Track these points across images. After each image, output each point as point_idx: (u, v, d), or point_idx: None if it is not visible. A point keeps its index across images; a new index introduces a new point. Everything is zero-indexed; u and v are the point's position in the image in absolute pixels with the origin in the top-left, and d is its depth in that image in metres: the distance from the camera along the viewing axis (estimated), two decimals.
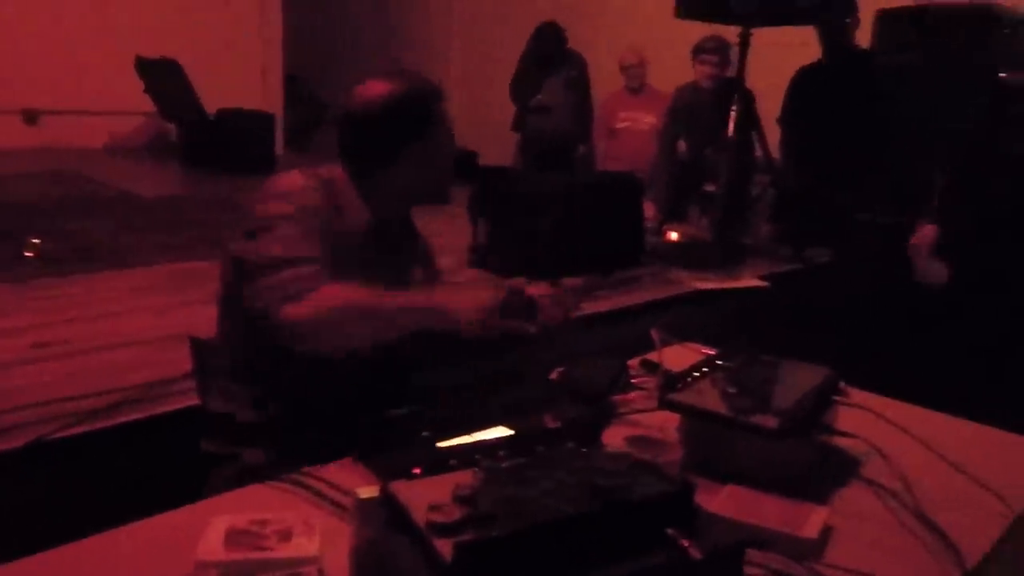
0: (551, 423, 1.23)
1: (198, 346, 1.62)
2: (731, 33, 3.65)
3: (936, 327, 2.81)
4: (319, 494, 1.18)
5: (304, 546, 1.00)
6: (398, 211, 1.61)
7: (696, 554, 0.79)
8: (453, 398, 1.44)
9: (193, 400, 1.75)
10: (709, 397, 1.30)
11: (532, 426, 1.26)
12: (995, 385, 2.93)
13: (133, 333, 2.47)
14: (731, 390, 1.29)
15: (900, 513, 1.20)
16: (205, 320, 1.60)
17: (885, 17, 3.35)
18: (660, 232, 3.80)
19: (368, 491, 0.96)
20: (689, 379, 1.37)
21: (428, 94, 1.55)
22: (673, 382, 1.35)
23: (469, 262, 3.35)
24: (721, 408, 1.26)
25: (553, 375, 1.62)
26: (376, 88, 1.51)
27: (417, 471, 1.04)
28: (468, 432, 1.27)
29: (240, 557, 0.97)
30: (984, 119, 2.92)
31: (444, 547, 0.78)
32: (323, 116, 8.84)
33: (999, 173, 2.60)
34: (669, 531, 0.82)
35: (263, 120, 6.62)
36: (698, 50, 4.19)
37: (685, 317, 2.84)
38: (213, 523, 1.02)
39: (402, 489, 0.91)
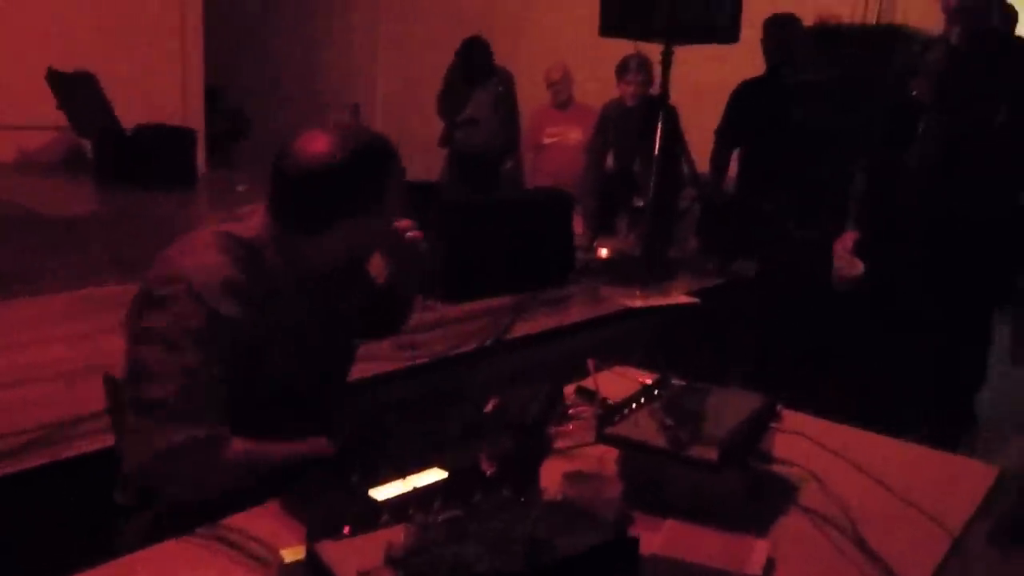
0: (487, 465, 1.18)
1: (112, 384, 1.52)
2: (654, 50, 3.69)
3: (854, 334, 2.90)
4: (240, 549, 1.11)
5: None
6: (322, 270, 1.44)
7: None
8: (383, 436, 1.38)
9: (107, 440, 1.66)
10: (647, 429, 1.28)
11: (468, 469, 1.21)
12: (916, 392, 3.05)
13: (43, 366, 2.32)
14: (668, 421, 1.28)
15: (840, 542, 1.20)
16: (120, 349, 1.50)
17: (806, 36, 3.46)
18: (590, 248, 3.81)
19: (293, 553, 0.90)
20: (626, 411, 1.35)
21: (376, 164, 1.35)
22: (610, 415, 1.33)
23: None
24: (659, 441, 1.24)
25: (488, 407, 1.58)
26: (317, 145, 1.30)
27: (346, 530, 0.99)
28: (401, 474, 1.21)
29: None
30: (894, 132, 3.04)
31: None
32: (245, 130, 8.62)
33: (907, 182, 2.70)
34: None
35: (183, 135, 6.41)
36: (621, 69, 4.24)
37: (617, 336, 2.84)
38: None
39: (330, 551, 0.85)
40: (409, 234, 1.54)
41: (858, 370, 2.84)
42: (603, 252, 3.67)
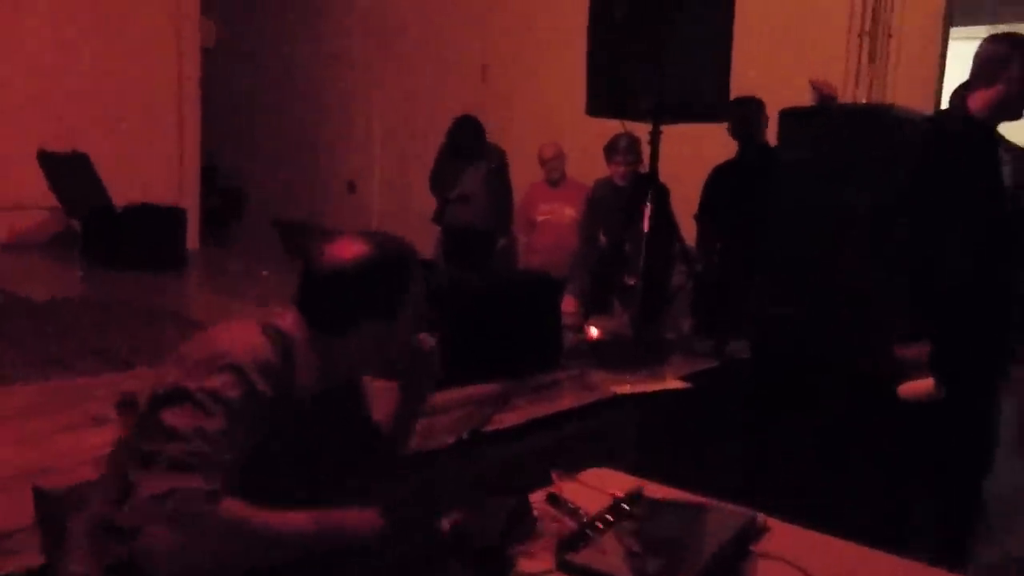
0: None
1: (42, 497, 1.40)
2: (642, 128, 3.67)
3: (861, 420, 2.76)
4: None
5: None
6: (349, 378, 1.49)
7: None
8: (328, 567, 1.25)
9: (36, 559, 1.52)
10: (612, 557, 1.16)
11: None
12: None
13: (39, 462, 2.16)
14: (636, 548, 1.15)
15: None
16: (75, 452, 1.38)
17: (786, 115, 3.43)
18: (582, 329, 3.71)
19: None
20: (591, 533, 1.23)
21: (402, 268, 1.42)
22: (574, 539, 1.20)
23: None
24: (624, 572, 1.12)
25: (447, 522, 1.45)
26: (348, 249, 1.37)
27: None
28: None
29: None
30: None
31: None
32: (241, 207, 8.66)
33: None
34: None
35: (172, 214, 6.38)
36: (610, 150, 4.23)
37: (607, 424, 2.71)
38: None
39: None
40: (426, 344, 1.58)
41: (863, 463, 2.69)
42: (593, 332, 3.56)
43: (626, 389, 2.91)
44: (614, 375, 3.12)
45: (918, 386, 2.35)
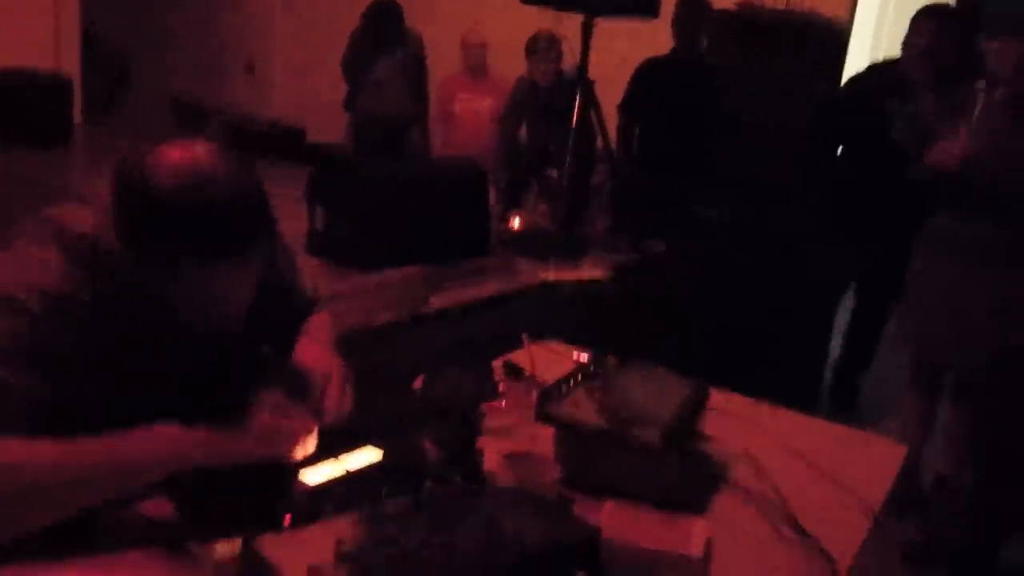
0: (432, 450, 1.12)
1: None
2: (574, 21, 3.63)
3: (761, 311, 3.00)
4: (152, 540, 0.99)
5: None
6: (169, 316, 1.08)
7: None
8: None
9: None
10: (587, 410, 1.26)
11: (404, 450, 1.15)
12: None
13: None
14: (608, 402, 1.26)
15: (774, 519, 1.22)
16: None
17: (718, 17, 3.49)
18: (502, 219, 3.76)
19: (227, 549, 0.81)
20: (563, 389, 1.32)
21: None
22: (549, 394, 1.29)
23: (306, 248, 3.14)
24: (600, 422, 1.22)
25: (415, 383, 1.51)
26: (163, 166, 0.97)
27: (287, 521, 0.91)
28: (333, 454, 1.14)
29: None
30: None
31: None
32: (126, 79, 8.04)
33: None
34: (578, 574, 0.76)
35: (58, 84, 5.87)
36: (530, 49, 4.19)
37: (538, 311, 2.82)
38: None
39: (272, 547, 0.78)
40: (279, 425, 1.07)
41: (764, 347, 2.93)
42: (516, 223, 3.63)
43: (552, 276, 3.02)
44: (538, 264, 3.22)
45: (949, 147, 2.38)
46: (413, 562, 0.72)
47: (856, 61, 4.05)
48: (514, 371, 1.64)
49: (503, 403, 1.50)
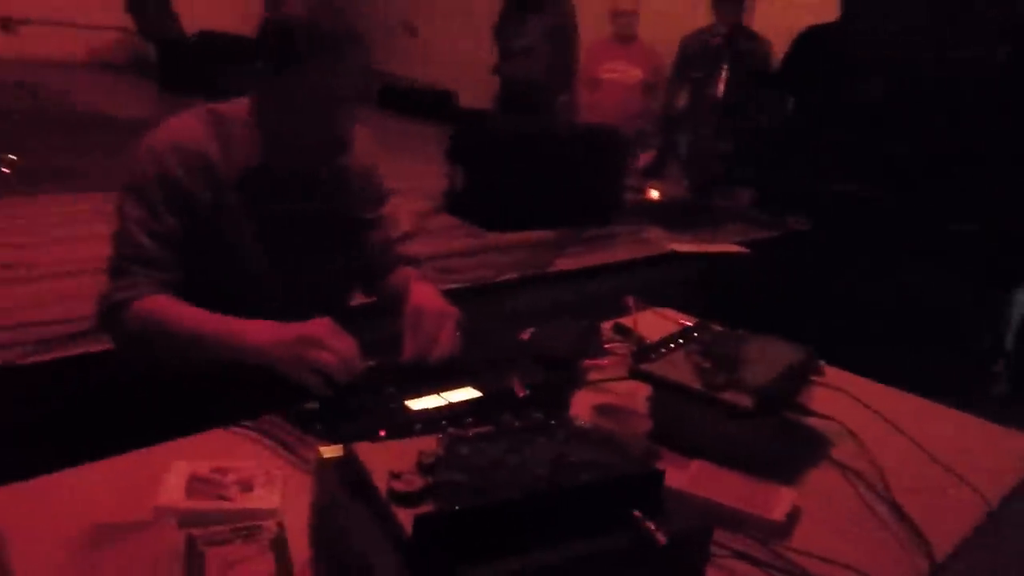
0: (519, 389, 1.20)
1: None
2: None
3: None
4: (283, 443, 1.15)
5: (265, 498, 0.98)
6: (293, 158, 1.44)
7: (662, 539, 0.77)
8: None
9: None
10: (682, 370, 1.28)
11: (500, 390, 1.23)
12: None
13: (101, 260, 2.39)
14: (705, 364, 1.27)
15: (870, 499, 1.19)
16: None
17: None
18: (639, 188, 3.75)
19: (331, 451, 0.93)
20: (663, 349, 1.35)
21: (341, 27, 1.33)
22: (646, 352, 1.32)
23: (444, 208, 3.28)
24: (693, 382, 1.24)
25: (524, 335, 1.59)
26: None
27: (382, 433, 1.02)
28: (436, 390, 1.24)
29: (200, 506, 0.96)
30: None
31: (405, 518, 0.75)
32: None
33: None
34: (636, 513, 0.80)
35: (243, 43, 6.37)
36: None
37: (661, 278, 2.81)
38: (174, 468, 1.01)
39: (365, 452, 0.87)
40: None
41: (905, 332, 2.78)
42: (654, 194, 3.62)
43: (683, 247, 3.00)
44: (671, 235, 3.20)
45: None
46: (483, 476, 0.79)
47: None
48: (623, 332, 1.68)
49: (606, 360, 1.55)
